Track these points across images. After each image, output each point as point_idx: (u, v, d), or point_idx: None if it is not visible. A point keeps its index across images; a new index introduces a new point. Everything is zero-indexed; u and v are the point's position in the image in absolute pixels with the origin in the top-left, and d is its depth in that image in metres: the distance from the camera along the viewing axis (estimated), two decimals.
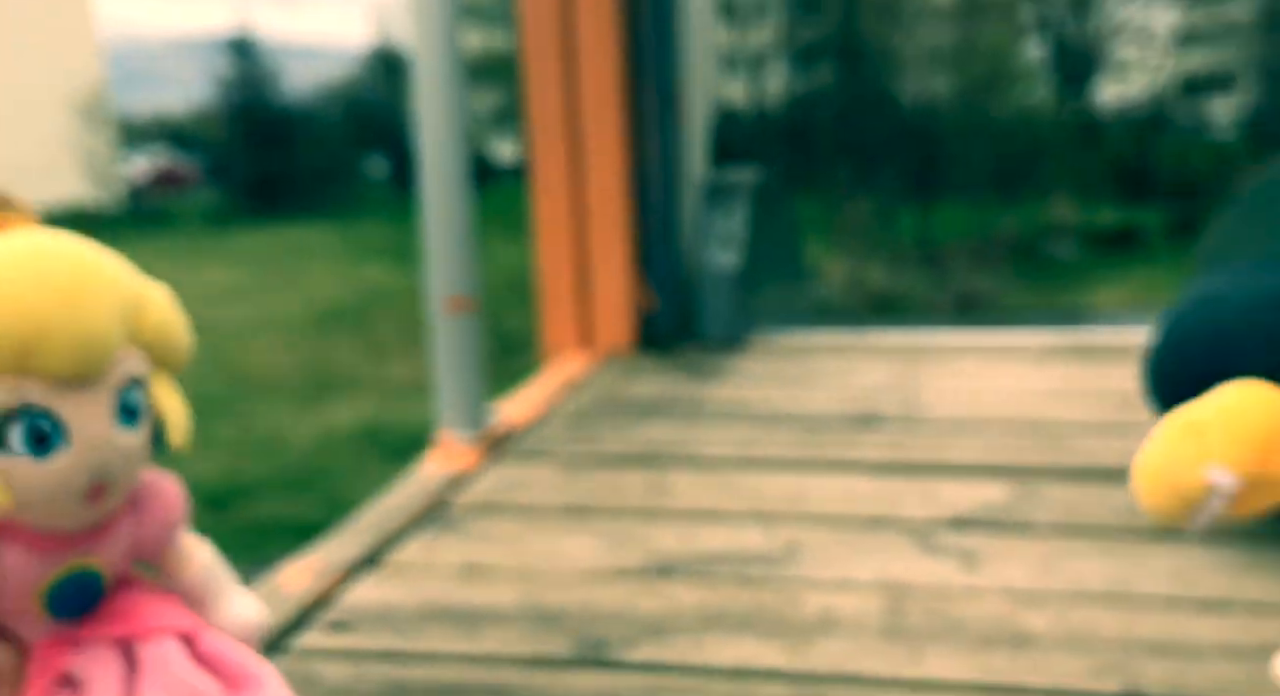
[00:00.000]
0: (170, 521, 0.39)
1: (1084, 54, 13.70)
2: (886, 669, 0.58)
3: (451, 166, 0.91)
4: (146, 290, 0.37)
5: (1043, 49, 14.14)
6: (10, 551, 0.34)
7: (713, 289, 1.38)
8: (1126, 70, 13.24)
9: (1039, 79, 14.99)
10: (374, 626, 0.64)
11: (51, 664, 0.36)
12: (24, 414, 0.32)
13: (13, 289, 0.32)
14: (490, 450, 0.97)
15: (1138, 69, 13.07)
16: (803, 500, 0.83)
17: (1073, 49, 13.64)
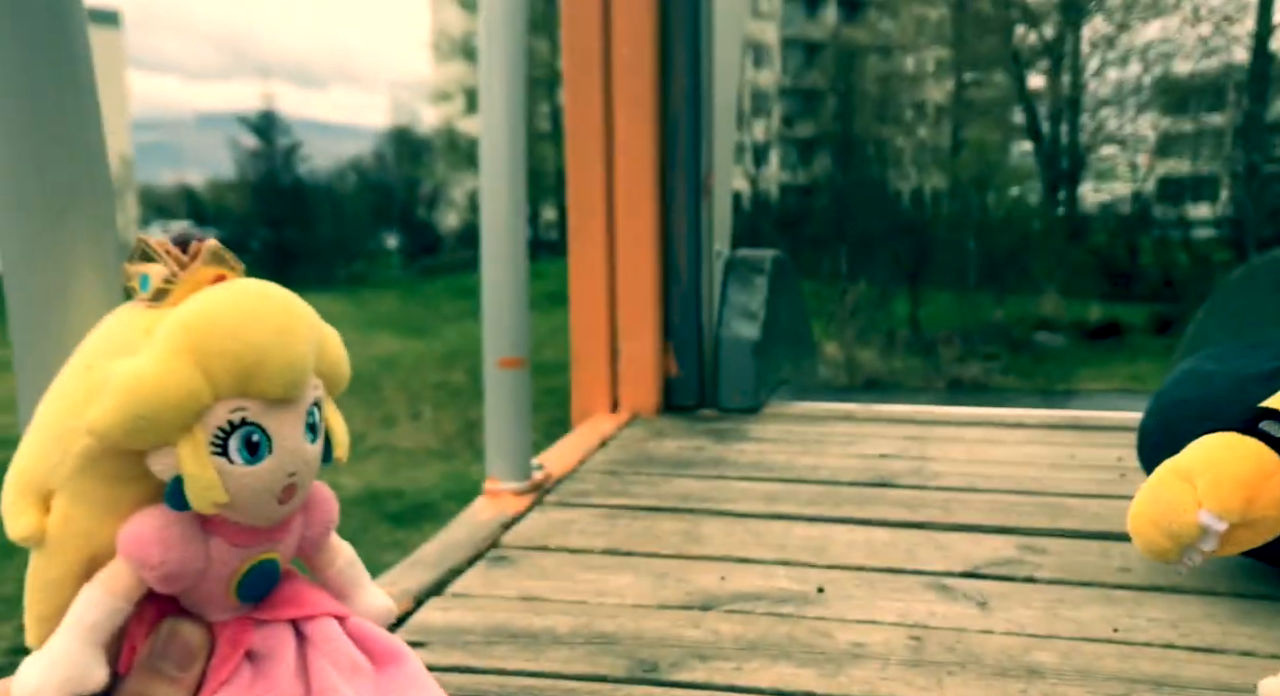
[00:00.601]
0: (329, 522, 0.46)
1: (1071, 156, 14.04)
2: (912, 693, 0.64)
3: (509, 238, 1.00)
4: (325, 329, 0.44)
5: (1033, 150, 14.52)
6: (215, 543, 0.41)
7: (733, 358, 1.46)
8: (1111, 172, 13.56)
9: (1029, 177, 15.34)
10: (446, 645, 0.70)
11: (241, 640, 0.42)
12: (241, 427, 0.39)
13: (240, 326, 0.38)
14: (534, 497, 1.04)
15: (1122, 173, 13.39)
16: (826, 550, 0.90)
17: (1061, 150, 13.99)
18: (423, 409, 7.39)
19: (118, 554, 0.39)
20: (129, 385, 0.37)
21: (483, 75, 0.98)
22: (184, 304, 0.40)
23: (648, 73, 1.39)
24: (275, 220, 17.61)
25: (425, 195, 23.32)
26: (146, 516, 0.40)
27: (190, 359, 0.38)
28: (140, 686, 0.40)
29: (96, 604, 0.39)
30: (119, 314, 0.42)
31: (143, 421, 0.37)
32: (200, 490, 0.38)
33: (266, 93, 28.02)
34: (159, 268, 0.41)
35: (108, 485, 0.40)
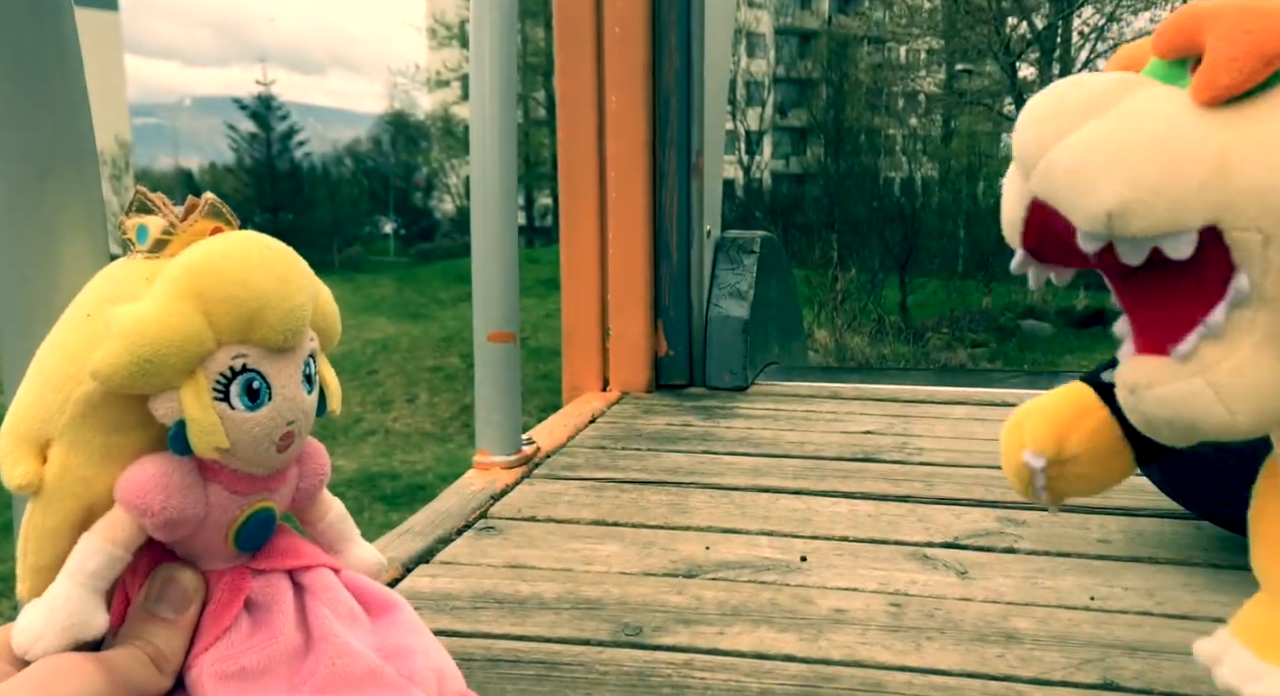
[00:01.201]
0: (322, 475, 0.47)
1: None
2: (891, 657, 0.65)
3: (499, 215, 1.01)
4: (319, 284, 0.45)
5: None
6: (214, 490, 0.41)
7: (722, 337, 1.48)
8: None
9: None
10: (432, 610, 0.71)
11: (241, 587, 0.43)
12: (243, 374, 0.40)
13: (243, 273, 0.39)
14: (523, 470, 1.05)
15: None
16: (810, 522, 0.91)
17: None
18: (418, 392, 7.40)
19: (117, 502, 0.40)
20: (133, 328, 0.38)
21: (474, 48, 0.99)
22: (186, 252, 0.40)
23: (639, 51, 1.40)
24: (272, 205, 17.57)
25: (421, 181, 23.26)
26: (146, 463, 0.40)
27: (194, 303, 0.39)
28: (137, 629, 0.41)
29: (96, 552, 0.40)
30: (116, 265, 0.43)
31: (147, 364, 0.38)
32: (202, 434, 0.39)
33: (264, 78, 27.85)
34: (157, 219, 0.42)
35: (106, 433, 0.40)
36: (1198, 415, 0.33)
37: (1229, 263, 0.32)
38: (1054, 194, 0.34)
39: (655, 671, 0.62)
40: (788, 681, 0.61)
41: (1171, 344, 0.34)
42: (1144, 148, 0.32)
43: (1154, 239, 0.32)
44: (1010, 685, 0.61)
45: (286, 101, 19.28)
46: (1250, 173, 0.31)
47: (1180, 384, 0.33)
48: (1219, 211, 0.32)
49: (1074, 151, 0.33)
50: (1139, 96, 0.34)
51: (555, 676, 0.62)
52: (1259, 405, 0.33)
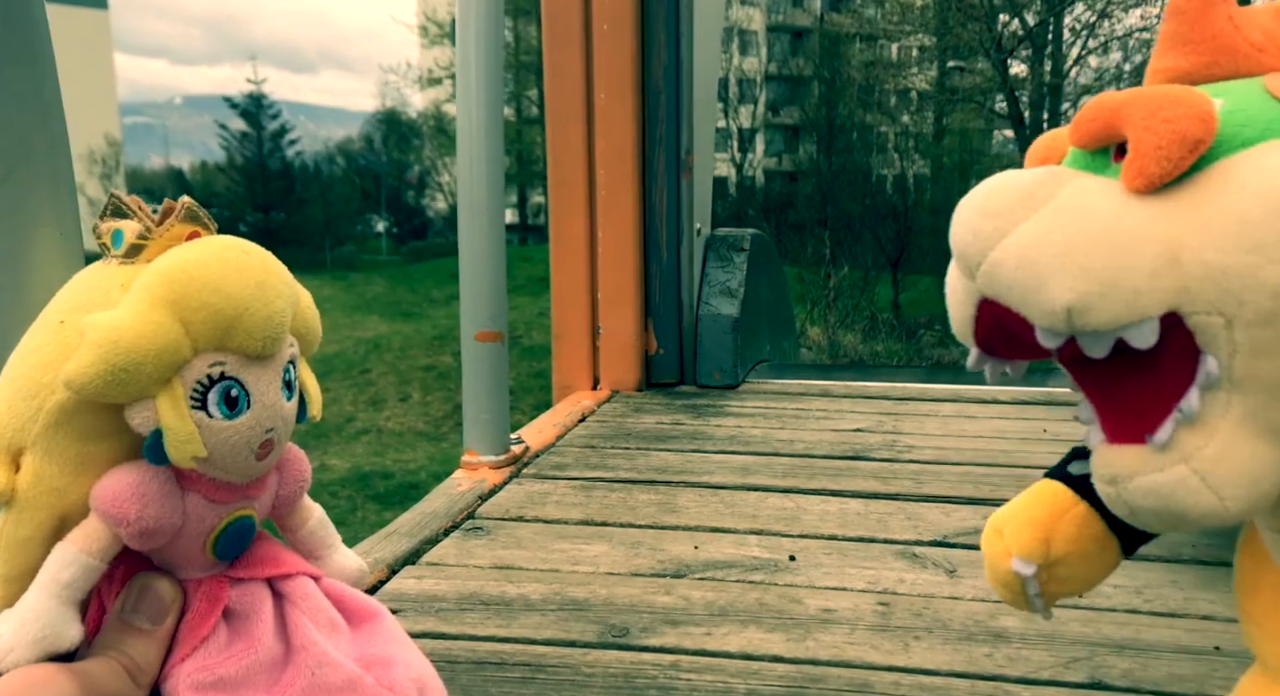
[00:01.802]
0: (302, 482, 0.46)
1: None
2: (879, 658, 0.65)
3: (486, 215, 1.00)
4: (299, 289, 0.45)
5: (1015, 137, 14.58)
6: (192, 499, 0.41)
7: (713, 335, 1.47)
8: None
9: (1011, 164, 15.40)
10: (418, 612, 0.71)
11: (219, 597, 0.42)
12: (221, 382, 0.39)
13: (221, 280, 0.39)
14: (511, 470, 1.04)
15: None
16: (799, 520, 0.91)
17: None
18: (411, 391, 7.39)
19: (92, 511, 0.40)
20: (108, 337, 0.37)
21: (460, 48, 0.98)
22: (161, 258, 0.40)
23: (628, 49, 1.39)
24: (263, 204, 17.53)
25: (413, 179, 23.20)
26: (122, 472, 0.40)
27: (170, 311, 0.38)
28: (112, 640, 0.40)
29: (70, 562, 0.39)
30: (91, 270, 0.42)
31: (122, 373, 0.37)
32: (179, 443, 0.38)
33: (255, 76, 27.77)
34: (132, 224, 0.41)
35: (81, 442, 0.40)
36: (1186, 504, 0.33)
37: (1194, 346, 0.32)
38: (1003, 294, 0.34)
39: (641, 672, 0.62)
40: (775, 682, 0.61)
41: (1147, 432, 0.33)
42: (1090, 240, 0.32)
43: (1116, 330, 0.32)
44: (998, 685, 0.61)
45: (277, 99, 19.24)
46: (1201, 258, 0.31)
47: (1163, 474, 0.33)
48: (1176, 297, 0.32)
49: (1018, 249, 0.33)
50: (1072, 189, 0.34)
51: (541, 678, 0.61)
52: (1248, 490, 0.33)
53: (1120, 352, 0.33)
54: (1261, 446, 0.33)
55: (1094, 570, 0.44)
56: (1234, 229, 0.31)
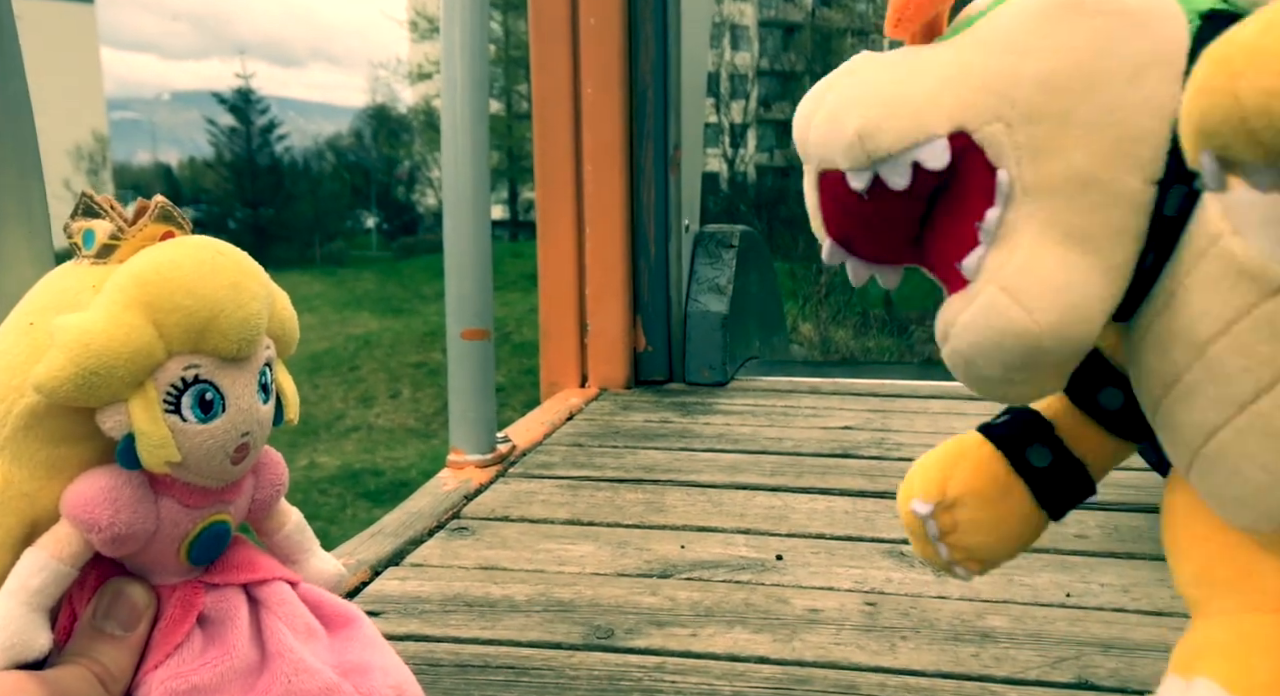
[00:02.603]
0: (279, 486, 0.45)
1: None
2: (865, 658, 0.64)
3: (471, 211, 1.00)
4: (275, 289, 0.44)
5: None
6: (166, 504, 0.40)
7: (701, 332, 1.47)
8: None
9: None
10: (401, 614, 0.70)
11: (193, 603, 0.41)
12: (195, 385, 0.38)
13: (195, 281, 0.38)
14: (498, 469, 1.04)
15: None
16: (787, 519, 0.90)
17: None
18: (401, 388, 7.37)
19: (63, 516, 0.39)
20: (79, 339, 0.36)
21: (444, 49, 0.97)
22: (134, 259, 0.39)
23: (615, 43, 1.38)
24: (252, 200, 17.47)
25: (403, 174, 23.15)
26: (94, 476, 0.39)
27: (143, 313, 0.37)
28: (83, 647, 0.39)
29: (41, 568, 0.38)
30: (61, 270, 0.42)
31: (94, 377, 0.36)
32: (152, 448, 0.38)
33: (243, 71, 27.66)
34: (104, 223, 0.41)
35: (51, 445, 0.39)
36: (997, 328, 0.32)
37: (989, 166, 0.33)
38: (821, 151, 0.35)
39: (626, 675, 0.62)
40: (760, 684, 0.61)
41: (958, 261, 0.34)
42: (880, 78, 0.34)
43: (907, 151, 0.33)
44: (984, 685, 0.61)
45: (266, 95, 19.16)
46: (978, 69, 0.33)
47: (977, 303, 0.33)
48: (959, 113, 0.33)
49: (828, 108, 0.35)
50: (870, 56, 0.37)
51: (524, 681, 0.61)
52: (1055, 299, 0.32)
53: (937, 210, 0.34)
54: (1065, 253, 0.32)
55: (1001, 520, 0.43)
56: (998, 38, 0.33)
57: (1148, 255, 0.33)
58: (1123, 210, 0.32)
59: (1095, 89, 0.32)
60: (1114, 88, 0.32)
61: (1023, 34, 0.32)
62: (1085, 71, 0.32)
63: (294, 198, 18.37)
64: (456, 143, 0.97)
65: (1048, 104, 0.32)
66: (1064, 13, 0.32)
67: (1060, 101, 0.32)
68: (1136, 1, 0.32)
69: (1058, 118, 0.32)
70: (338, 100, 78.33)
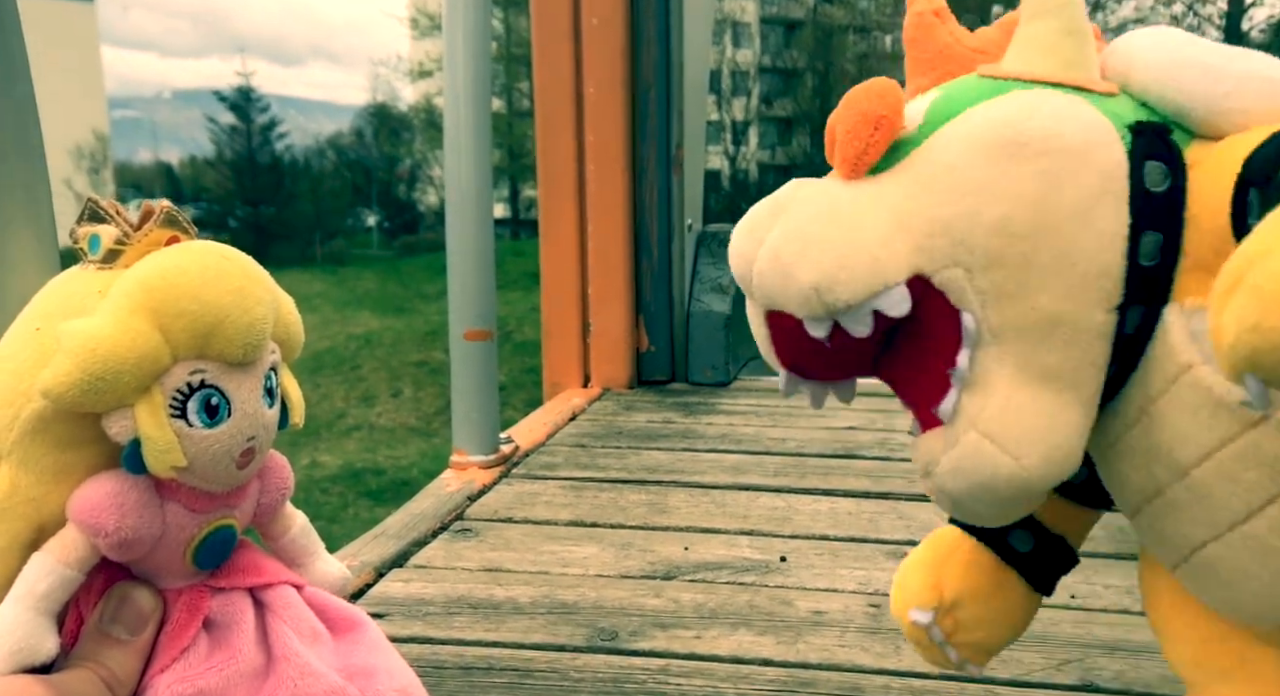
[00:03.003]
0: (284, 489, 0.45)
1: None
2: (869, 660, 0.64)
3: (474, 212, 1.00)
4: (280, 294, 0.44)
5: None
6: (172, 508, 0.40)
7: (704, 332, 1.47)
8: None
9: None
10: (405, 616, 0.70)
11: (199, 607, 0.41)
12: (201, 390, 0.38)
13: (201, 286, 0.38)
14: (501, 470, 1.04)
15: None
16: (790, 520, 0.90)
17: None
18: (403, 387, 7.38)
19: (69, 521, 0.39)
20: (85, 345, 0.36)
21: (447, 49, 0.97)
22: (140, 264, 0.39)
23: (617, 43, 1.38)
24: (253, 198, 17.47)
25: (404, 173, 23.14)
26: (100, 482, 0.39)
27: (149, 318, 0.37)
28: (90, 651, 0.40)
29: (47, 573, 0.38)
30: (67, 275, 0.42)
31: (100, 382, 0.36)
32: (158, 453, 0.38)
33: (243, 70, 27.63)
34: (110, 228, 0.41)
35: (58, 450, 0.39)
36: (985, 473, 0.32)
37: (951, 307, 0.33)
38: (769, 296, 0.34)
39: (630, 677, 0.62)
40: (764, 686, 0.61)
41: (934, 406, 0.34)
42: (821, 225, 0.33)
43: (868, 302, 0.33)
44: (989, 687, 0.61)
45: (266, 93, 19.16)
46: (925, 215, 0.32)
47: (959, 447, 0.33)
48: (915, 257, 0.33)
49: (769, 251, 0.34)
50: (805, 189, 0.35)
51: (529, 684, 0.61)
52: (1039, 443, 0.32)
53: (901, 338, 0.34)
54: (1043, 395, 0.32)
55: (1000, 611, 0.44)
56: (945, 179, 0.32)
57: (1110, 367, 0.33)
58: (1090, 343, 0.32)
59: (1050, 231, 0.32)
60: (1068, 228, 0.32)
61: (970, 177, 0.32)
62: (1039, 215, 0.32)
63: (295, 196, 18.38)
64: (459, 146, 0.97)
65: (1006, 249, 0.32)
66: (1009, 155, 0.32)
67: (1018, 246, 0.32)
68: (1075, 135, 0.32)
69: (1018, 262, 0.32)
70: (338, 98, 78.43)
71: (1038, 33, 0.35)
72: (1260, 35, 13.17)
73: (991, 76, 0.35)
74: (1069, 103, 0.33)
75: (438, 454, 5.90)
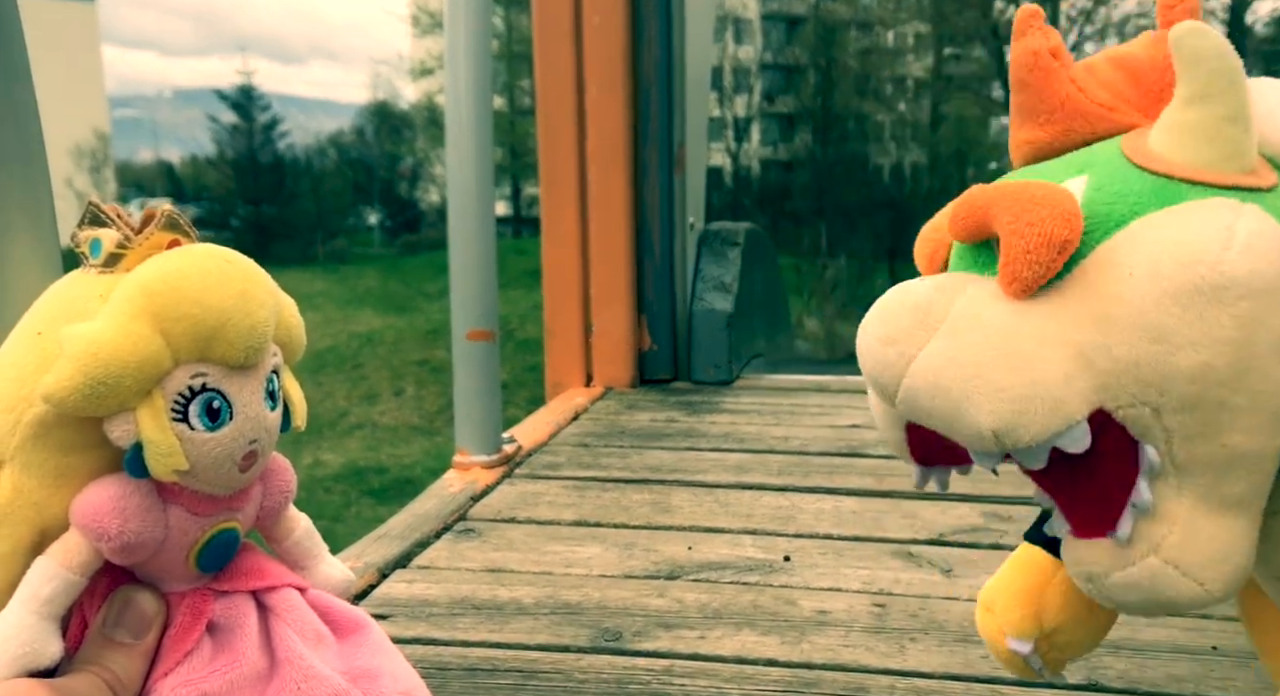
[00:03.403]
0: (287, 492, 0.45)
1: None
2: (874, 660, 0.64)
3: (476, 212, 0.99)
4: (282, 297, 0.44)
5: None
6: (174, 512, 0.40)
7: (706, 331, 1.47)
8: None
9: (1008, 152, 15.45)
10: (409, 617, 0.70)
11: (203, 610, 0.41)
12: (203, 393, 0.38)
13: (202, 290, 0.38)
14: (504, 470, 1.04)
15: None
16: (794, 519, 0.90)
17: None
18: (405, 385, 7.38)
19: (72, 525, 0.39)
20: (87, 349, 0.36)
21: (448, 48, 0.97)
22: (141, 267, 0.39)
23: (619, 42, 1.38)
24: (255, 197, 17.47)
25: (406, 171, 23.13)
26: (102, 486, 0.39)
27: (150, 322, 0.37)
28: (94, 654, 0.40)
29: (51, 577, 0.38)
30: (69, 279, 0.41)
31: (102, 387, 0.36)
32: (160, 456, 0.38)
33: (244, 68, 27.62)
34: (111, 232, 0.41)
35: (60, 454, 0.39)
36: (1169, 595, 0.33)
37: (1129, 437, 0.32)
38: (925, 420, 0.34)
39: (634, 678, 0.62)
40: (769, 686, 0.61)
41: (1108, 529, 0.34)
42: (994, 357, 0.32)
43: (1048, 441, 0.32)
44: (994, 687, 0.61)
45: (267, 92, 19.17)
46: (1110, 354, 0.31)
47: (1136, 568, 0.33)
48: (1098, 395, 0.32)
49: (928, 376, 0.33)
50: (965, 302, 0.34)
51: (533, 685, 0.61)
52: (1223, 569, 0.33)
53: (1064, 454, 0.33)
54: (1224, 521, 0.33)
55: (1093, 631, 0.44)
56: (1133, 320, 0.31)
57: None
58: (1270, 468, 0.33)
59: (1248, 373, 0.31)
60: (1265, 367, 0.31)
61: (1163, 323, 0.31)
62: (1239, 359, 0.31)
63: (296, 195, 18.38)
64: (460, 146, 0.97)
65: (1202, 395, 0.31)
66: (1208, 301, 0.30)
67: (1215, 393, 0.31)
68: (1270, 267, 0.31)
69: (1213, 406, 0.31)
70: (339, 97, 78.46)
71: (1199, 120, 0.32)
72: (1264, 29, 13.15)
73: (1152, 171, 0.33)
74: (1257, 223, 0.31)
75: (440, 452, 5.90)
